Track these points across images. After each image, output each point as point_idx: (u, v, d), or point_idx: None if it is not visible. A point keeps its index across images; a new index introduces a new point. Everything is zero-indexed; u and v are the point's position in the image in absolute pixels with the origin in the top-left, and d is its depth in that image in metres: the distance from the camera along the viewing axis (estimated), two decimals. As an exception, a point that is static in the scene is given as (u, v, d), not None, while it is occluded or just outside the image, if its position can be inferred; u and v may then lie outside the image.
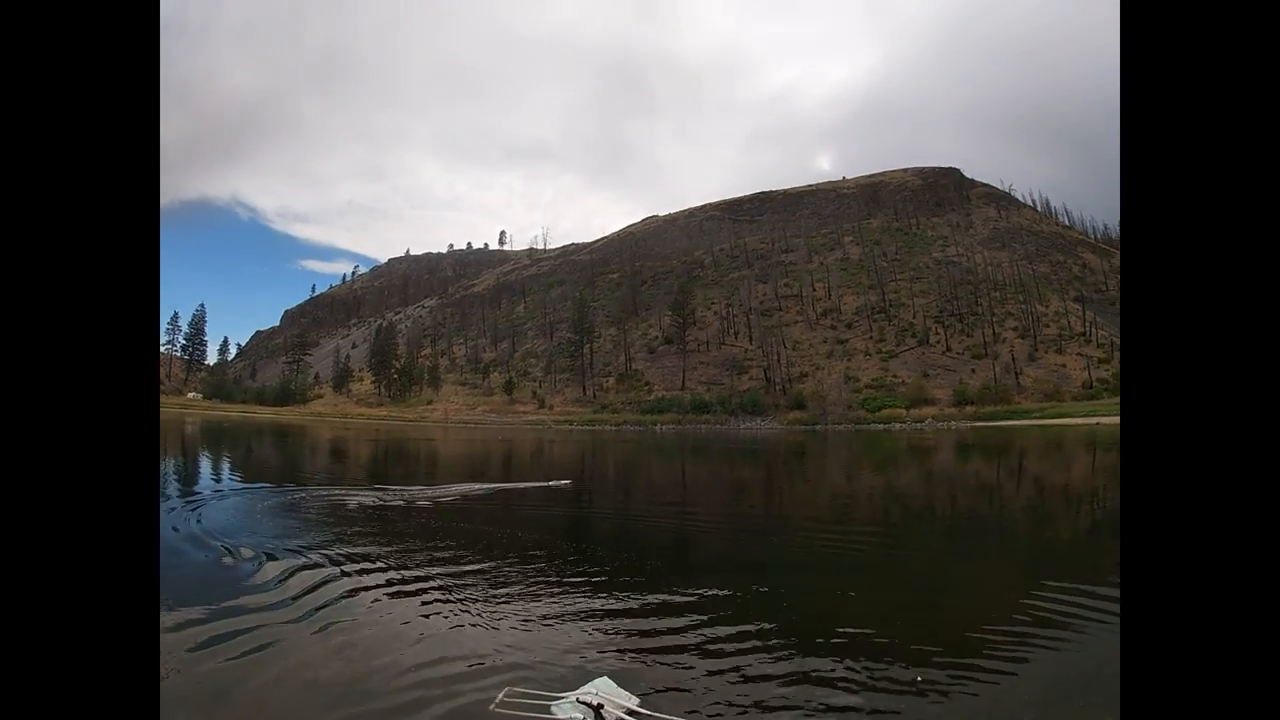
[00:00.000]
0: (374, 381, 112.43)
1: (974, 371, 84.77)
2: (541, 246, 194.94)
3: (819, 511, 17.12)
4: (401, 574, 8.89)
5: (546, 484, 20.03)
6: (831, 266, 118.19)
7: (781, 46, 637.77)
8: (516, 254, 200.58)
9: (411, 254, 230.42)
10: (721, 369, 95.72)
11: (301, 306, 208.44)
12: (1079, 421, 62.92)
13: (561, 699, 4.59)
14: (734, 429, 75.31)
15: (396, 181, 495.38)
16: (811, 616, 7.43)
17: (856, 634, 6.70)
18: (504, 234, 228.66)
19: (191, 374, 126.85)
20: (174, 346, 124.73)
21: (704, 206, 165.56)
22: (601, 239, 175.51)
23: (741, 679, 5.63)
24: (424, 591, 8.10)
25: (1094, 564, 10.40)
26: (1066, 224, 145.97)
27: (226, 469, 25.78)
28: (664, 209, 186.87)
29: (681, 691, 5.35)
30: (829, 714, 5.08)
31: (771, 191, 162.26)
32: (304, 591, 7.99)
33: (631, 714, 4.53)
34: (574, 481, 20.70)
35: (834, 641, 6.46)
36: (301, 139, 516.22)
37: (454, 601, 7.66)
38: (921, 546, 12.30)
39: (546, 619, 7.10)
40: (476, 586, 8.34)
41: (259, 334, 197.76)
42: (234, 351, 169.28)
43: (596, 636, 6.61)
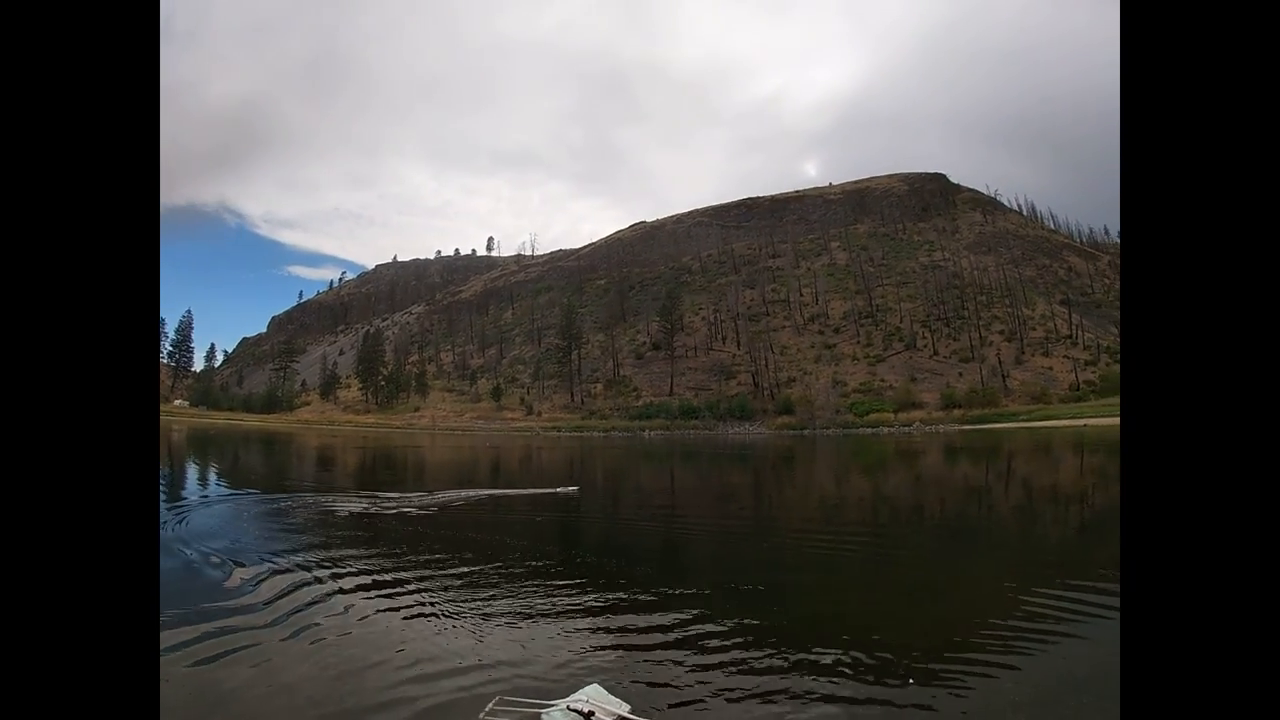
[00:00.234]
0: (361, 388, 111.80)
1: (961, 375, 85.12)
2: (529, 253, 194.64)
3: (809, 515, 17.07)
4: (389, 581, 8.79)
5: (554, 491, 19.63)
6: (818, 272, 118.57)
7: (769, 54, 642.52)
8: (504, 260, 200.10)
9: (399, 260, 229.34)
10: (709, 374, 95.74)
11: (289, 313, 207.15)
12: (1066, 423, 63.37)
13: (552, 706, 4.53)
14: (722, 434, 75.33)
15: (384, 188, 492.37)
16: (803, 620, 7.40)
17: (848, 637, 6.66)
18: (492, 240, 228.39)
19: (178, 381, 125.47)
20: (161, 353, 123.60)
21: (692, 213, 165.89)
22: (589, 245, 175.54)
23: (733, 684, 5.60)
24: (412, 599, 7.99)
25: (1083, 564, 10.47)
26: (1052, 228, 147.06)
27: (213, 476, 25.52)
28: (652, 215, 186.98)
29: (673, 698, 5.31)
30: (821, 717, 5.04)
31: (759, 198, 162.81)
32: (288, 599, 7.89)
33: None
34: (580, 488, 20.36)
35: (825, 645, 6.42)
36: (289, 145, 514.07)
37: (443, 609, 7.58)
38: (911, 549, 12.28)
39: (536, 626, 7.04)
40: (465, 593, 8.25)
41: (246, 341, 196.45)
42: (221, 358, 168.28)
43: (587, 643, 6.55)
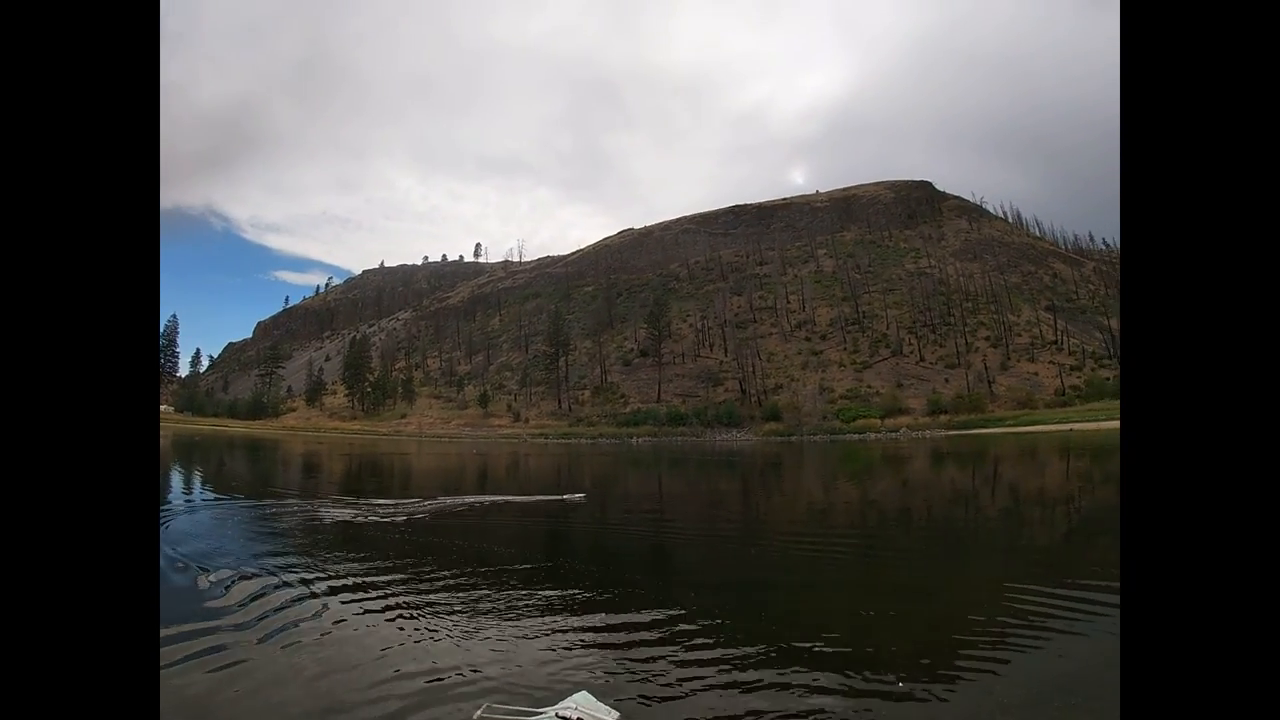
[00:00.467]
0: (347, 395, 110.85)
1: (947, 381, 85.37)
2: (517, 259, 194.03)
3: (796, 521, 17.11)
4: (376, 588, 8.71)
5: (561, 498, 19.54)
6: (805, 279, 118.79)
7: (758, 61, 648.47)
8: (491, 266, 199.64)
9: (386, 266, 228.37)
10: (697, 381, 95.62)
11: (274, 318, 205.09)
12: (1053, 428, 63.80)
13: (540, 714, 4.51)
14: (710, 440, 75.21)
15: (371, 193, 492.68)
16: (791, 624, 7.39)
17: (836, 641, 6.72)
18: (479, 246, 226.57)
19: (163, 386, 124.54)
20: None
21: (679, 220, 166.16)
22: (577, 252, 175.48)
23: (722, 689, 5.60)
24: (399, 607, 7.93)
25: (1071, 566, 10.61)
26: (1037, 235, 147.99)
27: (198, 482, 25.31)
28: (640, 222, 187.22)
29: (662, 705, 5.31)
30: None
31: (746, 205, 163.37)
32: (270, 607, 7.85)
33: None
34: (586, 495, 20.24)
35: (814, 649, 6.44)
36: (277, 148, 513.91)
37: (430, 616, 7.54)
38: (899, 553, 12.31)
39: (524, 633, 7.02)
40: (452, 601, 8.20)
41: (231, 346, 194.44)
42: (206, 364, 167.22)
43: (575, 650, 6.54)
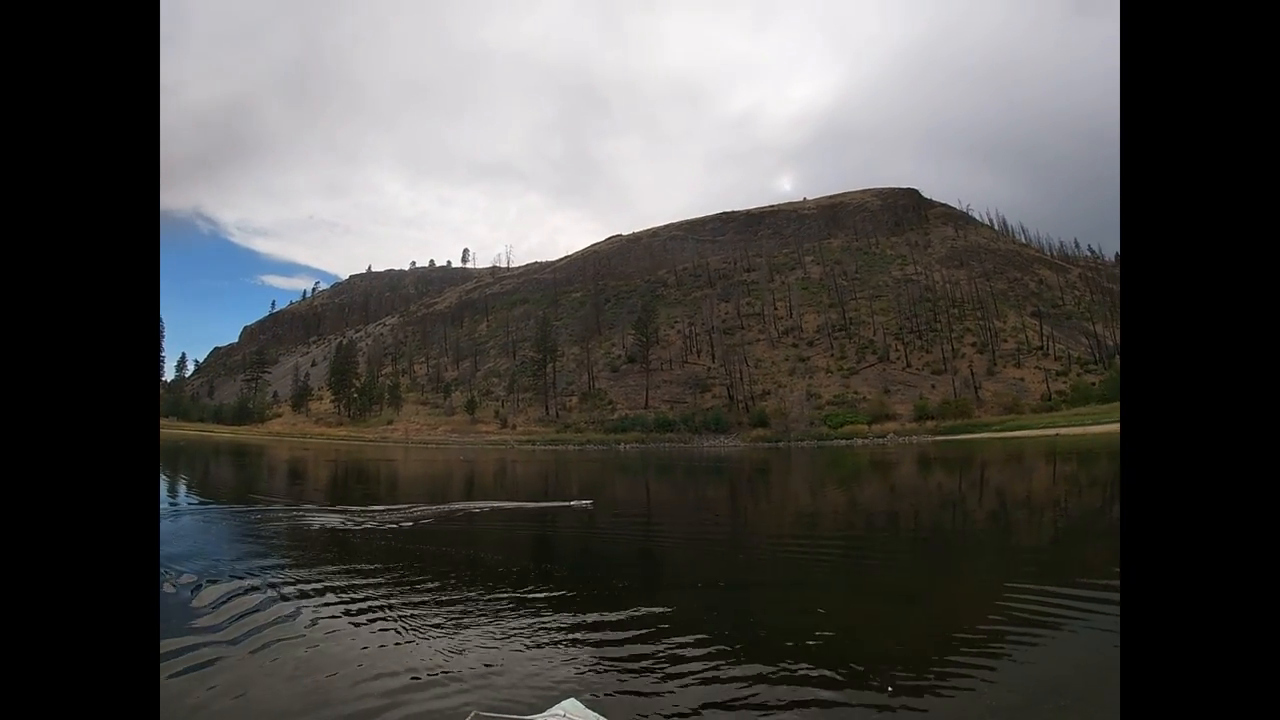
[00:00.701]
0: (334, 400, 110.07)
1: (934, 386, 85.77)
2: (505, 265, 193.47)
3: (784, 525, 17.15)
4: (362, 597, 8.60)
5: (568, 504, 19.47)
6: (793, 285, 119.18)
7: (746, 69, 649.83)
8: (479, 272, 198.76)
9: (373, 270, 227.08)
10: (685, 387, 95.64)
11: (261, 323, 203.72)
12: (1039, 433, 64.15)
13: None
14: (698, 447, 75.22)
15: (359, 197, 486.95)
16: (781, 630, 7.35)
17: (826, 646, 6.70)
18: (467, 252, 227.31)
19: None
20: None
21: (667, 226, 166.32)
22: (565, 258, 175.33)
23: (711, 696, 5.56)
24: (387, 614, 7.86)
25: (1059, 568, 10.66)
26: (1023, 241, 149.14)
27: (183, 488, 25.00)
28: (628, 228, 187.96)
29: (651, 711, 5.28)
30: None
31: (734, 212, 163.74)
32: (252, 613, 7.80)
33: None
34: (594, 502, 20.09)
35: (803, 653, 6.42)
36: (266, 151, 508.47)
37: (416, 623, 7.47)
38: (887, 557, 12.33)
39: (512, 640, 6.96)
40: (440, 608, 8.12)
41: (217, 351, 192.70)
42: (192, 368, 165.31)
43: (563, 656, 6.51)
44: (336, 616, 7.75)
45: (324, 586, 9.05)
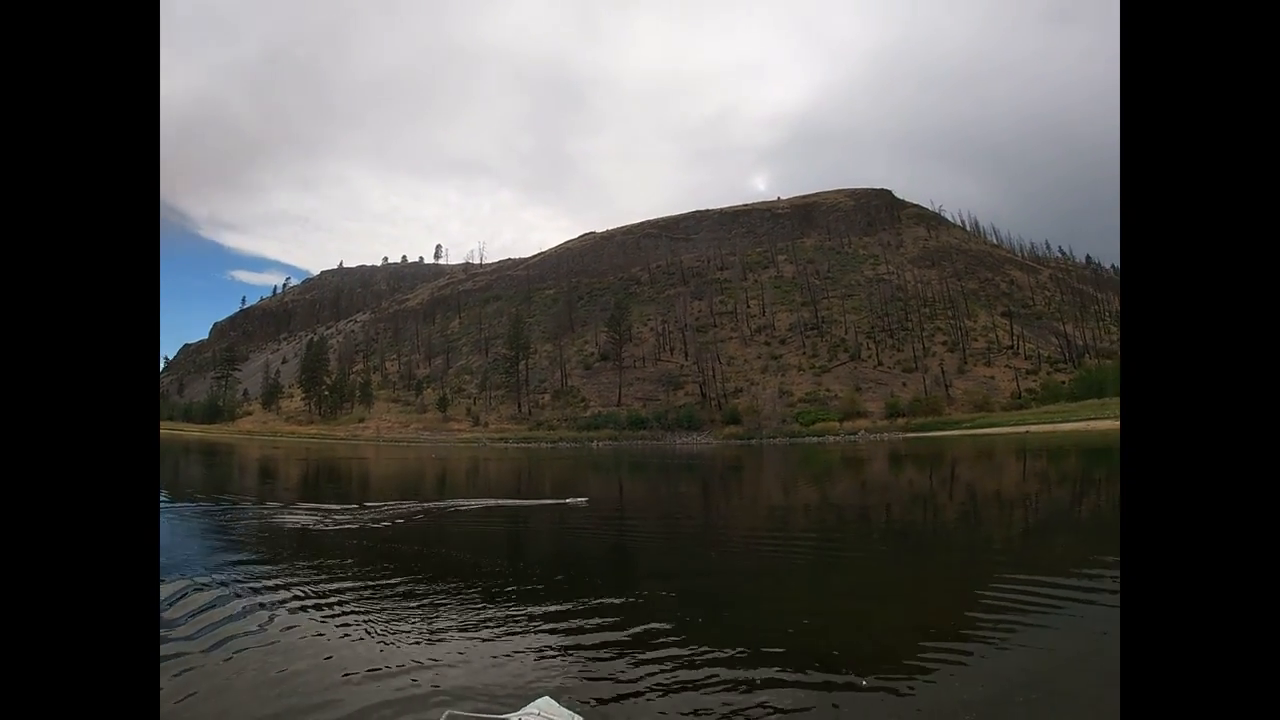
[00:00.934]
0: (304, 398, 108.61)
1: (905, 384, 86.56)
2: (478, 261, 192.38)
3: (757, 522, 17.12)
4: (333, 596, 8.40)
5: (562, 501, 19.47)
6: (766, 284, 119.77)
7: (723, 69, 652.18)
8: (452, 268, 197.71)
9: (345, 267, 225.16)
10: (657, 385, 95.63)
11: (231, 319, 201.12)
12: (1009, 430, 64.92)
13: None
14: (671, 444, 75.24)
15: (331, 192, 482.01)
16: (753, 624, 7.34)
17: (799, 639, 6.71)
18: (440, 248, 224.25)
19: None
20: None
21: (641, 224, 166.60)
22: (539, 255, 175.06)
23: (685, 692, 5.53)
24: (358, 613, 7.69)
25: (1030, 562, 10.72)
26: (995, 242, 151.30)
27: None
28: (602, 226, 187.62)
29: (625, 708, 5.25)
30: None
31: (708, 210, 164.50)
32: (209, 610, 7.63)
33: None
34: (590, 499, 20.01)
35: (777, 648, 6.37)
36: (237, 144, 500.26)
37: (389, 623, 7.33)
38: (859, 552, 12.34)
39: (485, 638, 6.86)
40: (412, 607, 7.98)
41: (187, 347, 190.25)
42: (161, 365, 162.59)
43: (536, 653, 6.47)
44: (305, 615, 7.54)
45: (293, 585, 8.85)
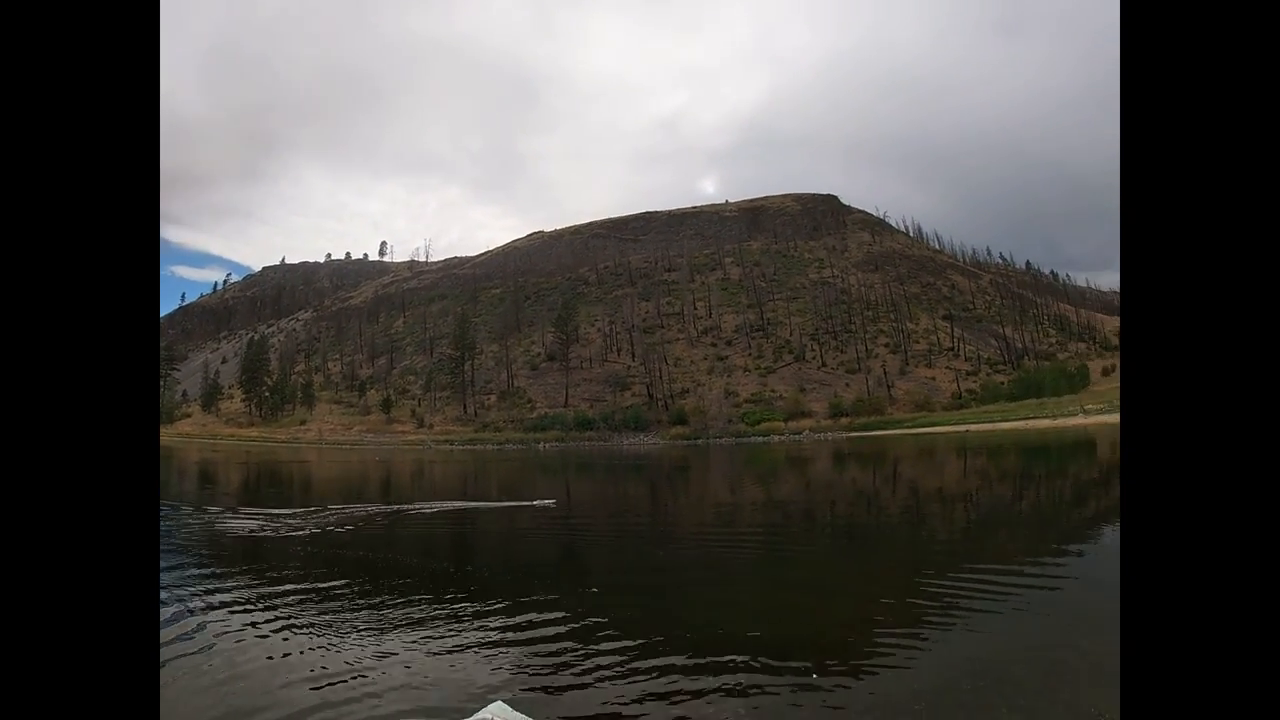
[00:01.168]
0: (245, 400, 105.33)
1: (848, 385, 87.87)
2: (423, 259, 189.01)
3: (704, 521, 17.24)
4: (276, 604, 8.15)
5: (530, 503, 19.23)
6: (712, 286, 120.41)
7: (675, 71, 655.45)
8: (397, 266, 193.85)
9: (287, 263, 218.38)
10: (604, 386, 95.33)
11: (170, 316, 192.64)
12: (949, 429, 66.58)
13: None
14: (618, 445, 75.06)
15: (275, 185, 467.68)
16: (703, 621, 7.38)
17: (748, 635, 6.72)
18: (385, 245, 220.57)
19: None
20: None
21: (590, 224, 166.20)
22: (485, 253, 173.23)
23: (637, 688, 5.55)
24: (302, 621, 7.47)
25: (974, 555, 10.96)
26: (937, 248, 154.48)
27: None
28: (550, 225, 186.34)
29: (578, 710, 5.23)
30: (728, 716, 5.03)
31: (656, 212, 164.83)
32: (162, 623, 7.24)
33: None
34: (556, 501, 19.90)
35: (728, 645, 6.41)
36: (178, 133, 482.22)
37: (335, 630, 7.13)
38: (805, 548, 12.47)
39: (435, 644, 6.75)
40: (359, 613, 7.78)
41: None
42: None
43: (488, 659, 6.39)
44: (247, 624, 7.30)
45: (234, 593, 8.61)
